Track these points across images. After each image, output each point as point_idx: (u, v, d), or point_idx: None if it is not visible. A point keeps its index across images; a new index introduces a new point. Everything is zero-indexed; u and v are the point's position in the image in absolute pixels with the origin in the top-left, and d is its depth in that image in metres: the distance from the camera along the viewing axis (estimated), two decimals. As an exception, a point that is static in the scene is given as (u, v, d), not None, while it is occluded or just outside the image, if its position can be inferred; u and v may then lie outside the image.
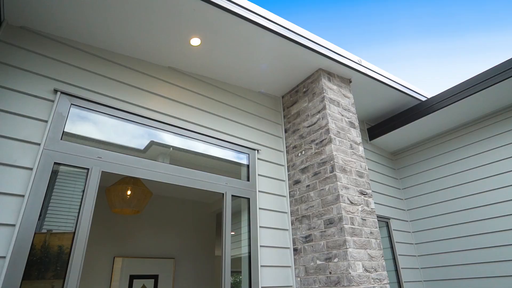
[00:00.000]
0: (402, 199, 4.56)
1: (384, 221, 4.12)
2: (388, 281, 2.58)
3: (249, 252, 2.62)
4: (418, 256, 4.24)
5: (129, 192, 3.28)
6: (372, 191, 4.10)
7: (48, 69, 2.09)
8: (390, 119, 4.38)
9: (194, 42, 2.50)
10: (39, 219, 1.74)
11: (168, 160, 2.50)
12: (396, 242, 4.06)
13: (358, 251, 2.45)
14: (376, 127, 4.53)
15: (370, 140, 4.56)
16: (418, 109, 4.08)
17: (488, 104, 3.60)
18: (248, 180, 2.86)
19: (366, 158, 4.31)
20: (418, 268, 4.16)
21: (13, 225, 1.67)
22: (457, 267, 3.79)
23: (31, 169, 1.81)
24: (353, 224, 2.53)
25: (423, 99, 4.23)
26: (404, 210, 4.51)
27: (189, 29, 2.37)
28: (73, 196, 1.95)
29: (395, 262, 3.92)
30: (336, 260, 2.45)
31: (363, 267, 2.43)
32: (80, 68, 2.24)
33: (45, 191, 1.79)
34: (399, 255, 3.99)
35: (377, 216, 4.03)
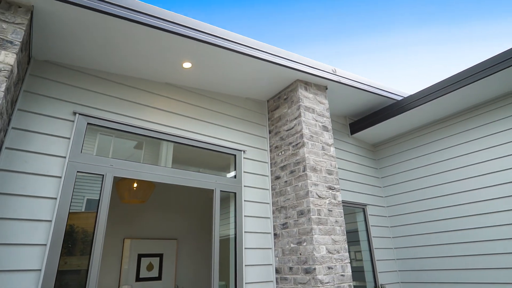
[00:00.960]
0: (380, 187, 5.08)
1: (361, 207, 4.66)
2: (349, 261, 3.15)
3: (235, 237, 3.19)
4: (393, 238, 4.81)
5: (135, 185, 3.85)
6: (351, 181, 4.63)
7: (67, 95, 2.60)
8: (369, 115, 4.82)
9: (186, 66, 2.98)
10: (68, 215, 2.31)
11: (169, 163, 3.04)
12: (371, 225, 4.61)
13: (322, 237, 3.01)
14: (356, 123, 4.99)
15: (351, 134, 5.03)
16: (394, 108, 4.50)
17: (459, 102, 4.00)
18: (235, 177, 3.40)
19: (347, 151, 4.81)
20: (392, 248, 4.73)
21: (50, 221, 2.23)
22: (426, 247, 4.34)
23: (60, 177, 2.36)
24: (319, 215, 3.08)
25: (399, 98, 4.64)
26: (382, 197, 5.04)
27: (181, 56, 2.84)
28: (93, 194, 2.51)
29: (369, 243, 4.49)
30: (305, 244, 3.01)
31: (327, 249, 2.99)
32: (93, 91, 2.75)
33: (71, 194, 2.35)
34: (373, 237, 4.54)
35: (354, 203, 4.57)
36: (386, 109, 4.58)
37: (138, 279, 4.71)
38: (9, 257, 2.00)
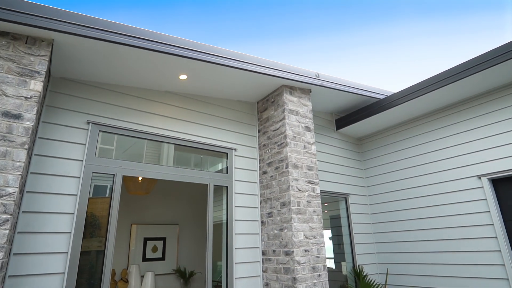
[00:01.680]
0: (363, 178, 5.57)
1: (343, 197, 5.17)
2: (324, 245, 3.68)
3: (227, 224, 3.72)
4: (372, 223, 5.33)
5: (140, 179, 4.36)
6: (336, 173, 5.11)
7: (81, 106, 3.06)
8: (353, 113, 5.25)
9: (182, 77, 3.41)
10: (87, 208, 2.82)
11: (171, 162, 3.53)
12: (352, 213, 5.13)
13: (301, 225, 3.52)
14: (342, 119, 5.42)
15: (337, 129, 5.47)
16: (377, 106, 4.89)
17: (436, 102, 4.38)
18: (227, 172, 3.89)
19: (333, 145, 5.27)
20: (371, 233, 5.27)
21: (72, 213, 2.75)
22: (402, 232, 4.85)
23: (78, 177, 2.86)
24: (299, 206, 3.58)
25: (382, 96, 5.04)
26: (364, 187, 5.53)
27: (178, 70, 3.27)
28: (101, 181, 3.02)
29: (350, 229, 5.02)
30: (285, 230, 3.53)
31: (304, 235, 3.51)
32: (103, 102, 3.20)
33: (88, 192, 2.85)
34: (353, 223, 5.07)
35: (337, 193, 5.07)
36: (370, 107, 4.99)
37: (144, 259, 5.31)
38: (43, 243, 2.53)
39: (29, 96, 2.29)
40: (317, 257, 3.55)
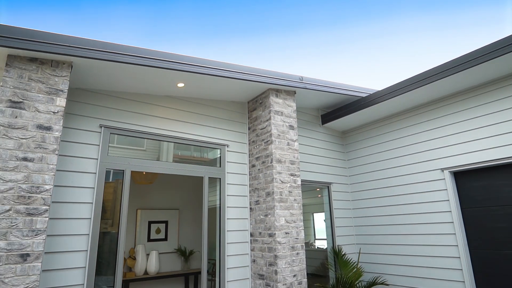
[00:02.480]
0: (345, 168, 6.16)
1: (326, 186, 5.77)
2: (303, 228, 4.31)
3: (219, 210, 4.34)
4: (353, 209, 5.96)
5: (145, 172, 4.95)
6: (320, 164, 5.68)
7: (94, 112, 3.61)
8: (338, 109, 5.76)
9: (180, 85, 3.94)
10: (103, 198, 3.42)
11: (170, 158, 4.11)
12: (334, 199, 5.74)
13: (283, 212, 4.14)
14: (327, 115, 5.95)
15: (322, 124, 6.01)
16: (360, 103, 5.37)
17: (413, 100, 4.82)
18: (220, 166, 4.48)
19: (318, 139, 5.82)
20: (351, 218, 5.90)
21: (91, 203, 3.35)
22: (379, 217, 5.48)
23: (94, 173, 3.44)
24: (281, 195, 4.18)
25: (364, 95, 5.53)
26: (347, 176, 6.13)
27: (176, 80, 3.80)
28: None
29: (331, 213, 5.65)
30: (269, 216, 4.15)
31: (285, 220, 4.13)
32: (113, 108, 3.75)
33: (103, 185, 3.45)
34: (335, 208, 5.69)
35: (321, 182, 5.67)
36: (352, 104, 5.48)
37: (149, 240, 5.99)
38: (69, 227, 3.15)
39: (56, 111, 2.85)
40: (296, 238, 4.18)
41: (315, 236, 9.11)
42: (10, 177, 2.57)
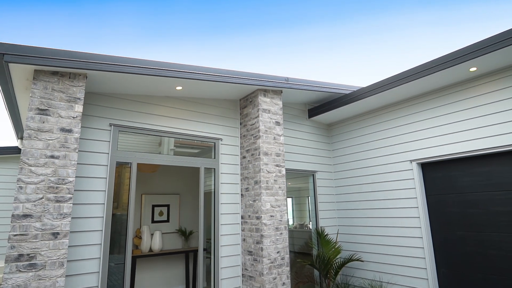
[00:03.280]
0: (330, 157, 6.77)
1: (311, 174, 6.40)
2: (286, 211, 4.96)
3: (214, 196, 4.98)
4: (335, 194, 6.61)
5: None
6: (306, 154, 6.28)
7: (105, 113, 4.19)
8: (323, 104, 6.32)
9: (178, 88, 4.50)
10: (115, 189, 4.05)
11: (171, 152, 4.72)
12: (318, 186, 6.38)
13: (268, 198, 4.78)
14: (314, 109, 6.51)
15: (309, 118, 6.58)
16: (345, 98, 5.89)
17: (394, 96, 5.31)
18: (214, 158, 5.09)
19: (305, 131, 6.40)
20: (334, 202, 6.56)
21: (104, 191, 3.99)
22: (359, 202, 6.15)
23: (106, 165, 4.06)
24: (268, 184, 4.81)
25: (348, 91, 6.06)
26: (331, 165, 6.75)
27: (175, 84, 4.35)
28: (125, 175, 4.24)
29: (315, 198, 6.30)
30: (257, 201, 4.80)
31: (270, 205, 4.78)
32: (120, 108, 4.32)
33: (114, 176, 4.07)
34: (319, 194, 6.34)
35: (306, 171, 6.30)
36: (337, 100, 6.02)
37: (153, 221, 6.69)
38: (88, 211, 3.79)
39: (75, 116, 3.44)
40: (280, 220, 4.85)
41: (309, 219, 9.86)
42: (41, 172, 3.19)
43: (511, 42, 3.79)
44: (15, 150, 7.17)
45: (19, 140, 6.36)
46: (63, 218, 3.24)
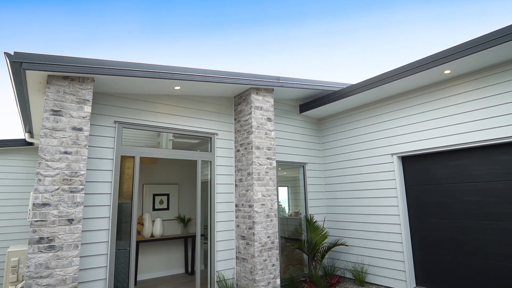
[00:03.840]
0: (320, 150, 7.21)
1: (301, 165, 6.86)
2: (276, 200, 5.42)
3: (210, 186, 5.44)
4: (324, 184, 7.08)
5: (149, 153, 6.01)
6: (297, 147, 6.72)
7: (110, 111, 4.59)
8: (313, 100, 6.72)
9: (176, 88, 4.89)
10: (120, 180, 4.49)
11: (170, 145, 5.15)
12: (308, 177, 6.85)
13: (260, 188, 5.24)
14: (305, 105, 6.91)
15: (300, 113, 6.99)
16: (333, 96, 6.30)
17: (379, 94, 5.73)
18: (210, 151, 5.52)
19: (296, 126, 6.82)
20: (322, 192, 7.04)
21: (110, 182, 4.42)
22: (346, 191, 6.62)
23: (112, 159, 4.49)
24: (259, 175, 5.26)
25: (337, 88, 6.45)
26: (321, 157, 7.20)
27: (173, 85, 4.74)
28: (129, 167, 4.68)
29: (305, 188, 6.77)
30: (249, 191, 5.25)
31: (262, 194, 5.24)
32: (124, 107, 4.72)
33: (119, 169, 4.50)
34: (308, 184, 6.81)
35: (297, 163, 6.74)
36: (326, 96, 6.41)
37: (154, 209, 7.17)
38: (97, 199, 4.24)
39: (84, 116, 3.85)
40: (270, 208, 5.32)
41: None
42: (56, 166, 3.62)
43: (482, 47, 4.18)
44: (22, 142, 7.57)
45: (26, 133, 6.75)
46: (77, 206, 3.68)
